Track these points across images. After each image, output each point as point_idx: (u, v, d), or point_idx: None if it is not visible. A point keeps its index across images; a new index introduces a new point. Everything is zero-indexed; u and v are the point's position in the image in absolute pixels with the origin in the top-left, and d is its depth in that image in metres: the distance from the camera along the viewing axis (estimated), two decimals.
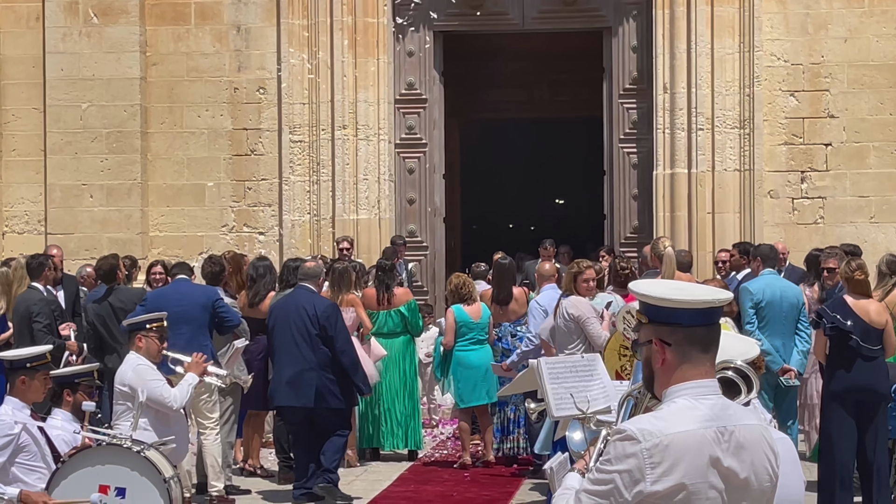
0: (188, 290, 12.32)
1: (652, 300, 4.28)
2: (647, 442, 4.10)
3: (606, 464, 4.13)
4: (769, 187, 17.77)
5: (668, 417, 4.17)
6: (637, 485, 4.10)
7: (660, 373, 4.27)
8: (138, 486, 7.68)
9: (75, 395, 8.30)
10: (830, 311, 10.99)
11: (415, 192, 19.06)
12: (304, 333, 11.94)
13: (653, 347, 4.26)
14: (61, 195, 18.51)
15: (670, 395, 4.24)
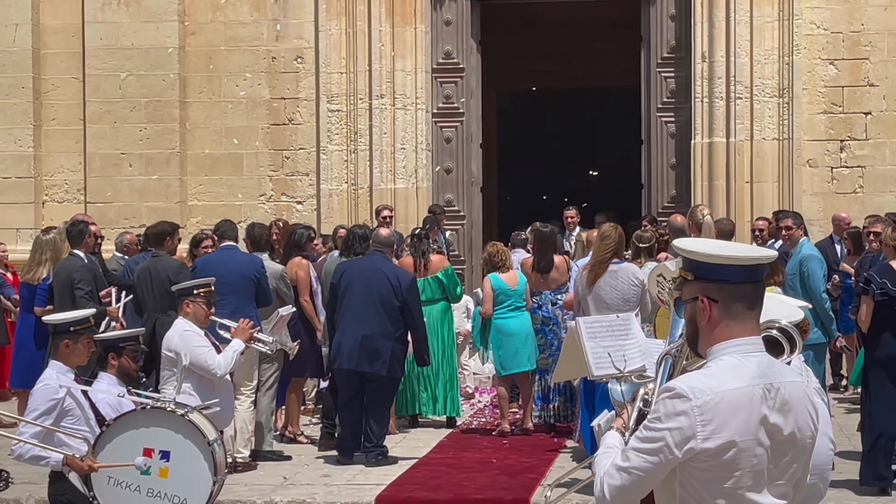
0: (236, 258, 12.44)
1: (700, 257, 4.29)
2: (697, 399, 4.13)
3: (656, 421, 4.16)
4: (808, 156, 17.69)
5: (717, 375, 4.20)
6: (688, 442, 4.13)
7: (705, 330, 4.29)
8: (182, 449, 7.73)
9: (120, 359, 8.36)
10: (879, 277, 10.92)
11: (452, 162, 19.06)
12: (380, 301, 12.26)
13: (698, 305, 4.28)
14: (101, 164, 18.61)
15: (716, 352, 4.26)
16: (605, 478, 4.22)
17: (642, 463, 4.18)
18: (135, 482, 7.66)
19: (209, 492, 7.80)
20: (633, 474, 4.18)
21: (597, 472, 4.30)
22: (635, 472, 4.18)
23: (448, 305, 14.44)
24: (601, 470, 4.27)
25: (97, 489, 7.63)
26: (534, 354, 13.71)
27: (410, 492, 11.31)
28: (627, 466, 4.19)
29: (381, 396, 12.49)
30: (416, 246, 14.29)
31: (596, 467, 4.33)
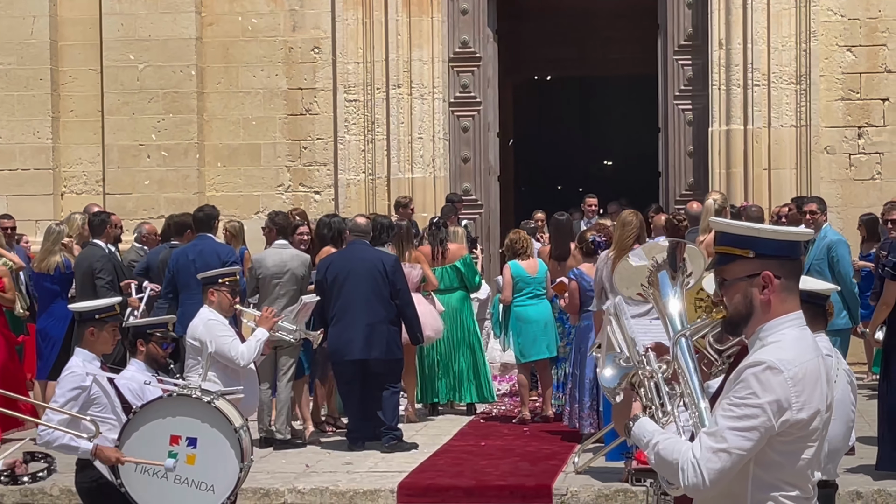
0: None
1: (764, 233, 4.39)
2: (788, 371, 4.23)
3: (751, 397, 4.21)
4: (826, 143, 17.66)
5: (793, 347, 4.31)
6: (784, 413, 4.23)
7: (764, 306, 4.37)
8: (209, 436, 7.77)
9: (148, 346, 8.41)
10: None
11: (469, 151, 19.07)
12: (375, 288, 12.39)
13: (758, 281, 4.35)
14: (119, 156, 18.65)
15: (776, 326, 4.36)
16: (703, 462, 4.22)
17: (742, 441, 4.22)
18: (162, 469, 7.71)
19: (236, 478, 7.84)
20: (734, 454, 4.22)
21: (675, 459, 4.27)
22: (736, 452, 4.22)
23: (466, 294, 14.47)
24: (683, 457, 4.25)
25: (124, 477, 7.67)
26: (553, 342, 13.74)
27: (433, 479, 11.36)
28: (727, 447, 4.21)
29: (388, 381, 12.61)
30: (434, 234, 14.34)
31: (663, 455, 4.30)
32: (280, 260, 12.72)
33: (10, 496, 11.23)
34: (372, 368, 12.55)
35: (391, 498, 10.98)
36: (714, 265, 4.56)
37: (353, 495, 11.06)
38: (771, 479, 4.32)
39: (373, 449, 12.54)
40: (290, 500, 11.10)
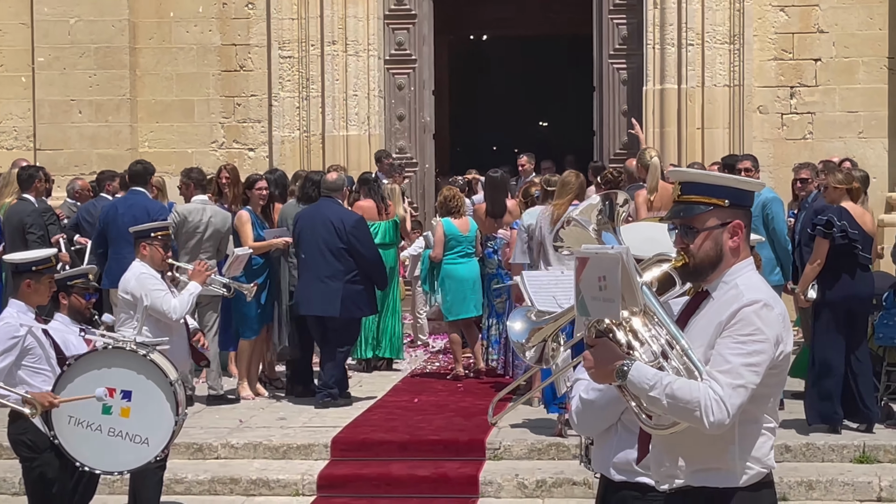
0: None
1: (741, 184, 4.64)
2: (777, 307, 4.51)
3: (757, 333, 4.42)
4: (758, 103, 17.79)
5: (767, 288, 4.58)
6: (779, 346, 4.49)
7: (731, 254, 4.60)
8: (144, 389, 7.75)
9: (70, 298, 8.35)
10: (838, 220, 11.01)
11: (404, 109, 19.03)
12: (330, 245, 12.43)
13: (728, 229, 4.58)
14: (50, 111, 18.43)
15: (739, 271, 4.60)
16: (726, 399, 4.35)
17: (754, 376, 4.41)
18: (96, 422, 7.68)
19: (171, 431, 7.83)
20: (749, 388, 4.40)
21: (695, 398, 4.34)
22: (751, 386, 4.41)
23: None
24: (705, 395, 4.34)
25: (58, 428, 7.64)
26: (480, 301, 13.84)
27: (366, 433, 11.40)
28: (744, 382, 4.39)
29: (334, 339, 12.58)
30: (375, 190, 14.37)
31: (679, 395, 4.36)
32: (202, 215, 12.63)
33: None
34: (328, 325, 12.54)
35: (325, 452, 11.01)
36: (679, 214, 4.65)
37: (287, 450, 11.08)
38: (756, 412, 4.52)
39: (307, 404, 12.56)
40: (223, 455, 11.10)
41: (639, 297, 4.51)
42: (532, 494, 10.34)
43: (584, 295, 4.56)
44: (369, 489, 10.47)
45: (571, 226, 4.87)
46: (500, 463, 10.80)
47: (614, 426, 5.17)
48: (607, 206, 4.77)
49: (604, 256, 4.45)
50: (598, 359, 4.52)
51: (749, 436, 4.53)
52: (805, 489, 10.15)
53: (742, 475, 4.53)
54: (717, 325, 4.50)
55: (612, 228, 4.75)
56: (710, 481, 4.55)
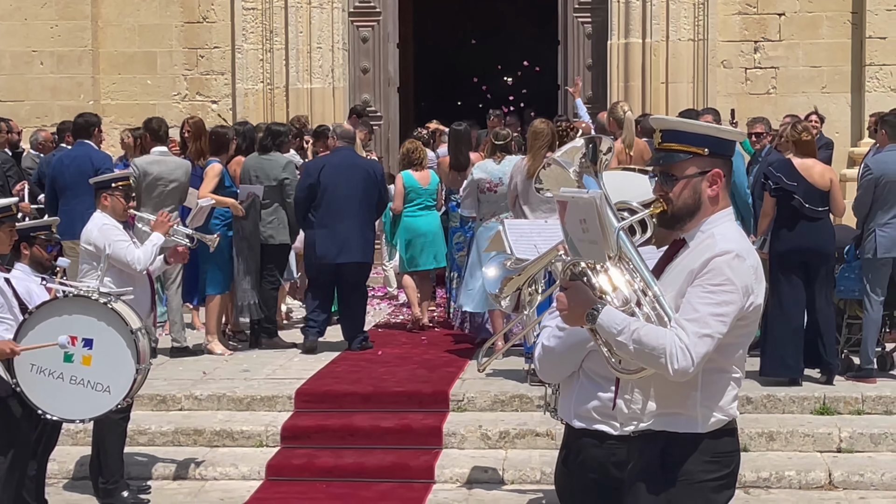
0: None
1: (722, 133, 4.64)
2: (750, 259, 4.50)
3: (727, 283, 4.43)
4: (722, 57, 17.81)
5: (742, 239, 4.59)
6: (749, 297, 4.49)
7: (712, 201, 4.61)
8: (105, 337, 7.72)
9: (32, 249, 8.30)
10: (776, 172, 11.20)
11: (369, 62, 18.96)
12: (368, 193, 12.71)
13: (708, 177, 4.59)
14: (11, 62, 18.26)
15: (718, 220, 4.60)
16: (691, 347, 4.37)
17: (721, 326, 4.42)
18: (58, 370, 7.65)
19: (132, 380, 7.81)
20: (715, 337, 4.42)
21: (661, 344, 4.37)
22: (717, 336, 4.42)
23: None
24: (671, 342, 4.36)
25: (20, 376, 7.61)
26: (441, 253, 13.88)
27: (330, 385, 11.41)
28: (710, 332, 4.41)
29: (361, 283, 12.99)
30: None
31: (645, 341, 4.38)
32: (162, 167, 12.57)
33: None
34: (349, 271, 12.75)
35: (289, 404, 11.02)
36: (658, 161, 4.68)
37: (251, 401, 11.08)
38: (722, 362, 4.56)
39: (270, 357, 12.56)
40: (186, 407, 11.10)
41: (611, 241, 4.52)
42: (495, 445, 10.39)
43: (571, 237, 4.61)
44: (333, 440, 10.48)
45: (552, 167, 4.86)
46: (464, 414, 10.84)
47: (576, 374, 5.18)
48: (590, 149, 4.76)
49: (579, 200, 4.48)
50: (571, 302, 4.54)
51: (713, 384, 4.56)
52: (766, 440, 10.23)
53: (703, 422, 4.56)
54: (688, 273, 4.52)
55: (594, 173, 4.74)
56: (670, 425, 4.59)
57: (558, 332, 5.07)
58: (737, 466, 4.70)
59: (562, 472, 5.32)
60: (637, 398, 4.67)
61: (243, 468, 10.07)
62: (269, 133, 13.17)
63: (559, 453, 5.38)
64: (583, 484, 5.15)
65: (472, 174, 12.54)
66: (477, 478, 9.86)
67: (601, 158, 4.77)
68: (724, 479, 4.64)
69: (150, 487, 9.75)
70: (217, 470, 10.08)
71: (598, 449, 5.09)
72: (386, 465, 10.05)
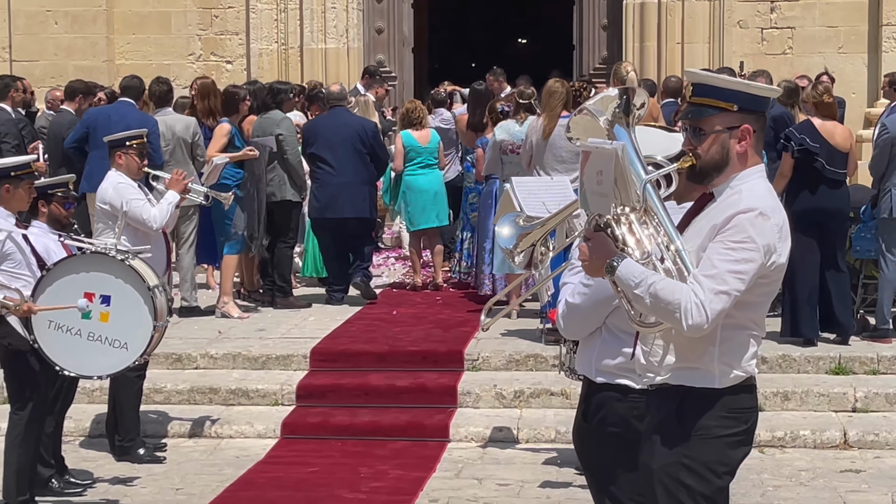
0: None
1: (751, 89, 4.58)
2: (774, 218, 4.48)
3: (748, 241, 4.41)
4: (739, 17, 17.71)
5: (770, 197, 4.55)
6: (771, 257, 4.46)
7: (740, 158, 4.57)
8: (123, 294, 7.73)
9: (50, 206, 8.30)
10: (798, 134, 11.14)
11: (383, 22, 18.91)
12: (360, 151, 13.06)
13: (736, 133, 4.55)
14: (26, 21, 18.25)
15: (748, 177, 4.57)
16: (706, 303, 4.36)
17: (739, 283, 4.40)
18: (75, 326, 7.66)
19: (149, 336, 7.83)
20: (732, 295, 4.40)
21: (676, 299, 4.37)
22: (734, 293, 4.40)
23: None
24: (686, 297, 4.36)
25: (38, 333, 7.62)
26: (444, 212, 13.92)
27: (345, 344, 11.43)
28: (727, 289, 4.39)
29: (364, 237, 13.44)
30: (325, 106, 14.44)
31: (661, 295, 4.38)
32: (166, 125, 12.58)
33: None
34: (349, 226, 13.10)
35: (304, 363, 11.04)
36: (688, 115, 4.66)
37: (266, 360, 11.11)
38: (742, 319, 4.53)
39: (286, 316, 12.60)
40: (202, 365, 11.13)
41: (634, 194, 4.51)
42: (510, 405, 10.40)
43: (586, 188, 4.60)
44: (348, 399, 10.50)
45: (583, 114, 4.84)
46: (479, 374, 10.85)
47: (599, 330, 5.19)
48: (624, 100, 4.74)
49: (602, 151, 4.48)
50: (592, 252, 4.55)
51: (731, 340, 4.55)
52: (781, 400, 10.24)
53: (721, 377, 4.56)
54: (711, 228, 4.50)
55: (626, 124, 4.72)
56: (687, 380, 4.59)
57: (583, 289, 5.08)
58: (754, 423, 4.69)
59: (581, 426, 5.34)
60: (656, 351, 4.67)
61: (258, 426, 10.11)
62: (269, 91, 13.25)
63: (577, 409, 5.39)
64: (603, 438, 5.17)
65: (495, 135, 12.49)
66: (492, 437, 9.89)
67: (634, 112, 4.76)
68: (740, 436, 4.64)
69: (166, 445, 9.80)
70: (232, 428, 10.11)
71: (620, 403, 5.12)
72: (401, 424, 10.07)
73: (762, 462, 9.27)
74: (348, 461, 9.40)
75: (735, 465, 4.66)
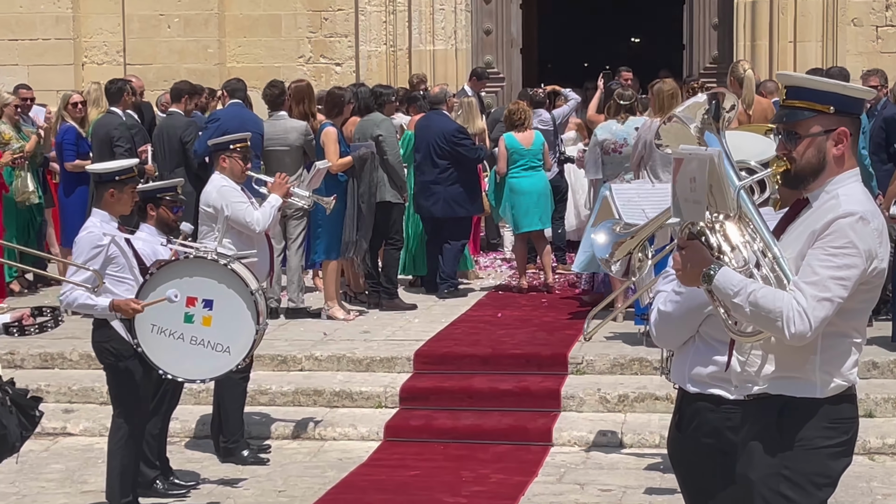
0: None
1: (848, 90, 4.49)
2: (874, 222, 4.39)
3: (849, 247, 4.33)
4: (853, 15, 17.41)
5: (868, 201, 4.44)
6: (872, 262, 4.38)
7: (837, 161, 4.47)
8: (225, 298, 7.78)
9: (159, 210, 8.37)
10: None
11: (491, 23, 18.89)
12: (438, 152, 13.54)
13: (833, 136, 4.45)
14: (139, 26, 18.54)
15: (844, 180, 4.47)
16: (809, 311, 4.29)
17: (842, 290, 4.33)
18: (178, 330, 7.73)
19: (252, 340, 7.87)
20: (835, 302, 4.33)
21: (777, 307, 4.30)
22: (837, 300, 4.33)
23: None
24: (788, 305, 4.30)
25: (141, 337, 7.71)
26: (547, 214, 13.82)
27: (449, 347, 11.42)
28: (830, 296, 4.32)
29: (453, 236, 13.71)
30: (423, 107, 14.47)
31: (762, 304, 4.31)
32: (276, 129, 12.68)
33: (30, 361, 11.37)
34: (440, 223, 13.71)
35: (408, 365, 11.05)
36: (782, 119, 4.57)
37: (370, 363, 11.14)
38: (843, 327, 4.46)
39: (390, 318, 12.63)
40: (307, 367, 11.19)
41: (730, 201, 4.44)
42: (614, 409, 10.32)
43: (678, 196, 4.51)
44: (451, 402, 10.49)
45: (673, 122, 4.78)
46: (583, 377, 10.78)
47: (692, 338, 5.11)
48: (713, 105, 4.67)
49: (696, 157, 4.39)
50: (688, 261, 4.48)
51: (833, 348, 4.46)
52: (892, 406, 10.01)
53: (822, 387, 4.47)
54: (810, 234, 4.42)
55: (716, 130, 4.65)
56: (788, 389, 4.50)
57: (675, 297, 5.00)
58: (855, 434, 4.60)
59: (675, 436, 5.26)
60: (753, 361, 4.59)
61: (362, 429, 10.13)
62: (371, 94, 13.34)
63: (672, 418, 5.31)
64: (697, 448, 5.08)
65: (596, 135, 12.43)
66: (595, 441, 9.81)
67: (724, 115, 4.68)
68: (842, 447, 4.54)
69: (270, 447, 9.86)
70: (336, 430, 10.15)
71: (713, 413, 5.03)
72: (503, 428, 10.04)
73: (872, 470, 9.09)
74: (450, 464, 9.39)
75: (836, 477, 4.56)
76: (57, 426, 10.29)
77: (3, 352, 11.16)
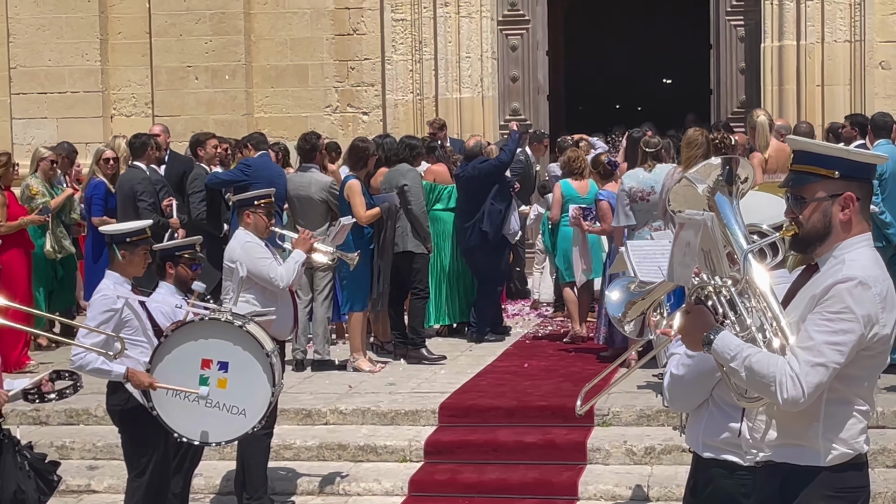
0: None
1: (852, 155, 4.46)
2: (876, 287, 4.33)
3: (846, 311, 4.29)
4: (880, 58, 17.33)
5: (874, 266, 4.40)
6: (872, 328, 4.32)
7: (843, 226, 4.43)
8: (241, 360, 7.73)
9: (177, 268, 8.35)
10: None
11: (518, 70, 18.90)
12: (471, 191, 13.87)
13: (839, 201, 4.41)
14: (167, 77, 18.65)
15: (851, 246, 4.43)
16: (802, 376, 4.26)
17: (837, 356, 4.29)
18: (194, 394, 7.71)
19: (268, 402, 7.83)
20: (830, 367, 4.29)
21: (771, 373, 4.27)
22: (832, 366, 4.29)
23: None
24: (781, 371, 4.27)
25: (156, 400, 7.68)
26: (597, 264, 13.66)
27: (474, 399, 11.36)
28: (824, 361, 4.28)
29: (483, 286, 14.12)
30: (443, 156, 14.49)
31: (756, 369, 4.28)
32: (298, 183, 12.70)
33: (55, 417, 11.36)
34: (470, 261, 14.10)
35: (433, 418, 10.99)
36: (789, 183, 4.55)
37: (395, 416, 11.08)
38: (846, 394, 4.41)
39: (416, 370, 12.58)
40: (331, 421, 11.14)
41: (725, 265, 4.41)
42: (640, 461, 10.22)
43: (674, 259, 4.55)
44: (476, 455, 10.42)
45: (683, 183, 4.76)
46: (609, 429, 10.69)
47: (706, 403, 5.06)
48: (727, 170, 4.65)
49: (691, 221, 4.41)
50: (690, 325, 4.48)
51: (836, 416, 4.41)
52: None
53: (825, 455, 4.41)
54: (811, 299, 4.40)
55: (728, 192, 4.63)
56: (791, 457, 4.47)
57: (687, 360, 4.97)
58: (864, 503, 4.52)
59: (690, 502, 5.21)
60: (759, 426, 4.55)
61: (386, 483, 10.07)
62: (401, 145, 13.31)
63: (687, 482, 5.27)
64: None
65: (623, 183, 12.36)
66: (621, 494, 9.72)
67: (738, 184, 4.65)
68: None
69: (295, 502, 9.82)
70: (360, 485, 10.09)
71: (727, 480, 4.98)
72: (529, 481, 9.95)
73: None
74: None
75: None
76: (81, 483, 10.28)
77: (29, 408, 11.16)
